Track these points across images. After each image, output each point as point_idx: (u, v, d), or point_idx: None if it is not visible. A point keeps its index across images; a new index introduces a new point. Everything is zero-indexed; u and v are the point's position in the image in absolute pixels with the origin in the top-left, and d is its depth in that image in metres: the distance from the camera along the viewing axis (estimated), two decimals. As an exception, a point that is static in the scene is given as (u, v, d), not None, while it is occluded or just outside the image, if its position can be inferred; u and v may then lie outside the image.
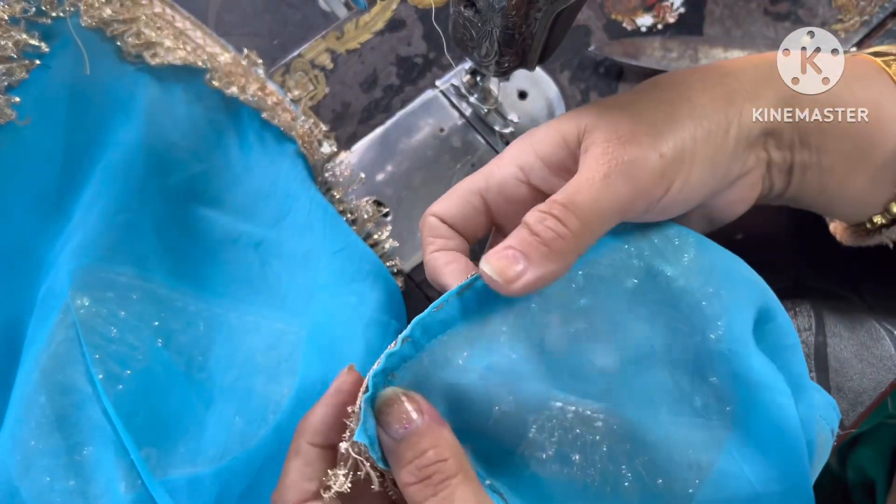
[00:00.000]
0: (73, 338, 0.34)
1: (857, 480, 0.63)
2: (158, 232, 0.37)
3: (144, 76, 0.37)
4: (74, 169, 0.37)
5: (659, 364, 0.32)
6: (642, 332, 0.32)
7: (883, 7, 0.46)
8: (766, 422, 0.31)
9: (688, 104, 0.31)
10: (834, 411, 0.35)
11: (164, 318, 0.36)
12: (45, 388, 0.33)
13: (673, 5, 0.48)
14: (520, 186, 0.33)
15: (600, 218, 0.29)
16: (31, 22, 0.35)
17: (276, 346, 0.35)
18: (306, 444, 0.28)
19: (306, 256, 0.38)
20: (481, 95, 0.46)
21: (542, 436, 0.31)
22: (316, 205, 0.38)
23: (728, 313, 0.31)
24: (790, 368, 0.32)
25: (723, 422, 0.31)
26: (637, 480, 0.31)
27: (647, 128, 0.30)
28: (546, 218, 0.29)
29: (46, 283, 0.35)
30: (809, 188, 0.35)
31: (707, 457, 0.31)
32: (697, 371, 0.32)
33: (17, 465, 0.32)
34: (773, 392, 0.31)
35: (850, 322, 0.41)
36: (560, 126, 0.32)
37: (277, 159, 0.40)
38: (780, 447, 0.31)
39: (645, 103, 0.31)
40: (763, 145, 0.33)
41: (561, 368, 0.31)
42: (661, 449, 0.31)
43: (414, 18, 0.49)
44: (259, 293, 0.38)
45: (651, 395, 0.32)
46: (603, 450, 0.31)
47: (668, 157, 0.30)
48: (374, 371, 0.28)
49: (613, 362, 0.32)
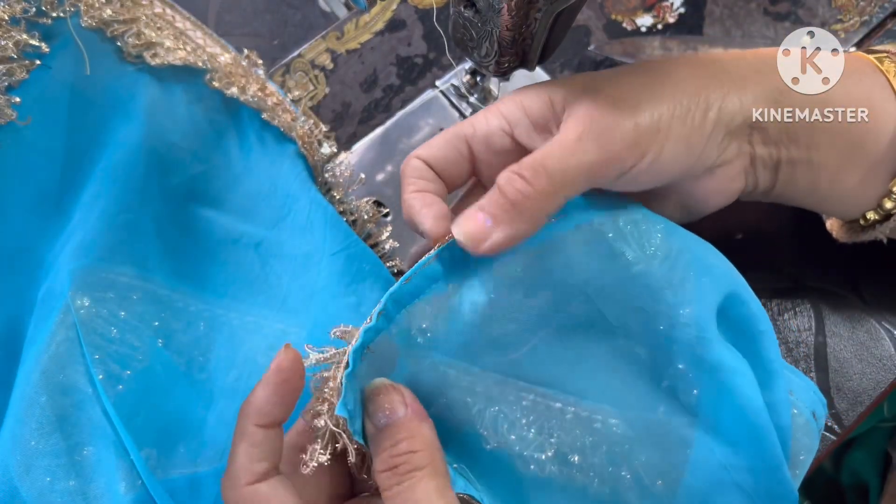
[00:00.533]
0: (73, 338, 0.34)
1: (852, 483, 0.63)
2: (159, 232, 0.37)
3: (145, 76, 0.38)
4: (75, 169, 0.37)
5: (623, 349, 0.32)
6: (606, 316, 0.32)
7: (883, 7, 0.46)
8: (731, 406, 0.31)
9: (670, 81, 0.32)
10: (815, 395, 0.35)
11: (164, 318, 0.36)
12: (46, 389, 0.33)
13: (673, 5, 0.48)
14: (504, 138, 0.34)
15: (569, 179, 0.30)
16: (31, 22, 0.35)
17: (277, 347, 0.35)
18: (252, 425, 0.28)
19: (306, 257, 0.38)
20: (481, 95, 0.46)
21: (493, 415, 0.32)
22: (316, 205, 0.38)
23: (694, 301, 0.31)
24: (763, 354, 0.32)
25: (690, 407, 0.32)
26: (609, 469, 0.32)
27: (626, 98, 0.31)
28: (514, 179, 0.29)
29: (46, 282, 0.35)
30: (799, 185, 0.35)
31: (681, 444, 0.32)
32: (662, 356, 0.32)
33: (18, 466, 0.32)
34: (735, 374, 0.31)
35: (849, 322, 0.41)
36: (550, 88, 0.33)
37: (277, 160, 0.40)
38: (747, 431, 0.31)
39: (630, 77, 0.32)
40: (748, 138, 0.33)
41: (518, 348, 0.32)
42: (631, 440, 0.32)
43: (414, 19, 0.49)
44: (259, 293, 0.38)
45: (615, 381, 0.32)
46: (574, 442, 0.32)
47: (642, 127, 0.30)
48: (352, 347, 0.29)
49: (575, 346, 0.32)
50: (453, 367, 0.32)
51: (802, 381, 0.35)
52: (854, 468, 0.62)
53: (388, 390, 0.29)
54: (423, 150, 0.35)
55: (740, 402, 0.31)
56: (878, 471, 0.60)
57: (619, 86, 0.31)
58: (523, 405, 0.32)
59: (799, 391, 0.34)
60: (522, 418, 0.33)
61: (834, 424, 0.39)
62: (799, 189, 0.35)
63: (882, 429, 0.60)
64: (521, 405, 0.33)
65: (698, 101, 0.31)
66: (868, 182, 0.34)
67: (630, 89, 0.31)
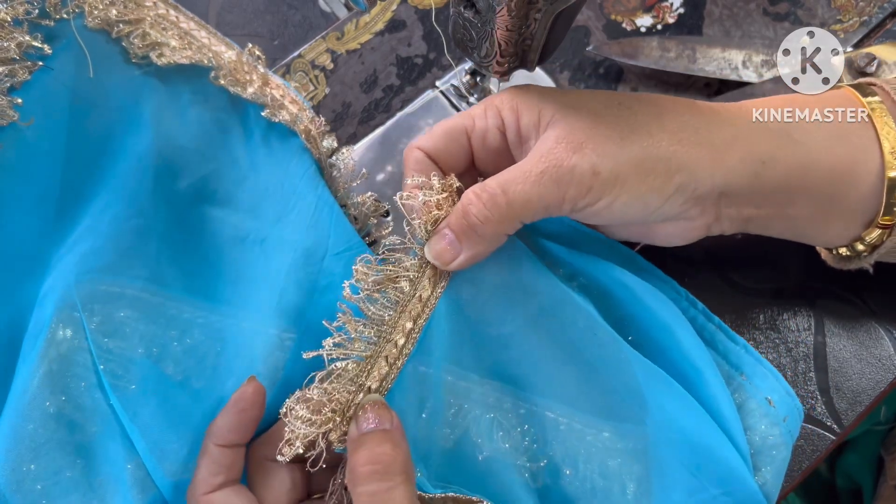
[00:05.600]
0: (77, 346, 0.34)
1: (846, 486, 0.63)
2: (168, 235, 0.37)
3: (151, 79, 0.37)
4: (78, 172, 0.37)
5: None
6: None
7: (882, 7, 0.46)
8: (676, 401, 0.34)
9: (646, 135, 0.32)
10: (778, 383, 0.36)
11: (164, 328, 0.36)
12: (49, 392, 0.33)
13: (672, 6, 0.48)
14: (498, 137, 0.35)
15: (526, 210, 0.32)
16: (34, 24, 0.35)
17: (274, 354, 0.35)
18: (213, 445, 0.32)
19: (310, 254, 0.38)
20: (481, 96, 0.46)
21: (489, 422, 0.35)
22: (323, 203, 0.38)
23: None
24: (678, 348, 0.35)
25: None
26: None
27: (597, 142, 0.32)
28: (475, 202, 0.32)
29: (48, 285, 0.35)
30: (772, 231, 0.36)
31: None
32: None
33: (18, 465, 0.32)
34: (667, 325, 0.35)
35: (849, 322, 0.41)
36: (543, 101, 0.34)
37: (283, 155, 0.39)
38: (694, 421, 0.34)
39: (611, 117, 0.33)
40: (715, 203, 0.33)
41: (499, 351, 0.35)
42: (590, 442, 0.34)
43: (414, 19, 0.49)
44: (263, 290, 0.38)
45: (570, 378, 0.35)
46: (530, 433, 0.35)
47: (601, 177, 0.31)
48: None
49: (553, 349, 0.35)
50: (448, 373, 0.34)
51: (765, 367, 0.36)
52: (848, 471, 0.62)
53: (382, 406, 0.31)
54: (426, 141, 0.36)
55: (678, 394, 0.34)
56: (872, 474, 0.60)
57: (595, 124, 0.32)
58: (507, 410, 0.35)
59: (755, 377, 0.36)
60: (518, 426, 0.34)
61: (833, 424, 0.39)
62: (772, 232, 0.36)
63: (875, 432, 0.60)
64: (508, 411, 0.34)
65: (667, 163, 0.32)
66: (849, 225, 0.35)
67: (604, 132, 0.32)
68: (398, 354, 0.33)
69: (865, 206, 0.34)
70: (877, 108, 0.33)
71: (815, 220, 0.35)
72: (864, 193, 0.33)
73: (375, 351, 0.32)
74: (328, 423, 0.31)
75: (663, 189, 0.32)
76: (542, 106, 0.33)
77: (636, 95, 0.34)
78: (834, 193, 0.33)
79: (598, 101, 0.33)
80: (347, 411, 0.32)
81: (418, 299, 0.33)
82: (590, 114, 0.32)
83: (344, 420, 0.31)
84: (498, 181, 0.32)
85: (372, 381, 0.32)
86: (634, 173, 0.32)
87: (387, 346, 0.32)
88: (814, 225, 0.35)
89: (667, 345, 0.35)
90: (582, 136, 0.32)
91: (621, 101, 0.33)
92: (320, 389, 0.31)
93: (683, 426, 0.33)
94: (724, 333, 0.37)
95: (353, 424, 0.31)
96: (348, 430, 0.31)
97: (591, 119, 0.32)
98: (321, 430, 0.31)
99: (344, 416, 0.31)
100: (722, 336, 0.37)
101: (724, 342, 0.37)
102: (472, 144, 0.36)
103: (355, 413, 0.31)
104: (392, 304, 0.33)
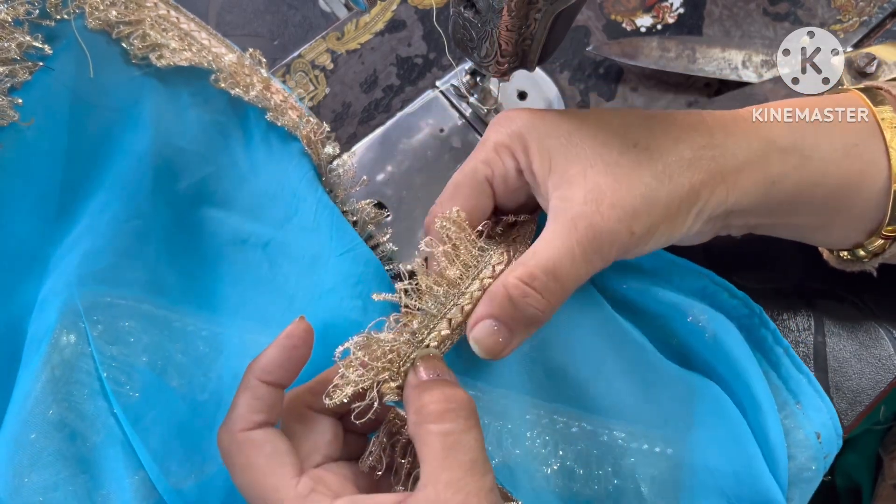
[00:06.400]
0: (80, 352, 0.34)
1: (845, 486, 0.63)
2: (168, 237, 0.37)
3: (151, 80, 0.37)
4: (78, 172, 0.37)
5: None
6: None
7: (882, 7, 0.46)
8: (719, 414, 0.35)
9: (667, 179, 0.32)
10: (830, 420, 0.37)
11: (167, 339, 0.36)
12: (52, 399, 0.33)
13: (672, 6, 0.48)
14: (519, 178, 0.35)
15: (577, 284, 0.32)
16: (34, 24, 0.35)
17: None
18: (255, 379, 0.30)
19: (314, 258, 0.38)
20: (481, 96, 0.46)
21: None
22: (323, 206, 0.38)
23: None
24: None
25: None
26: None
27: (626, 201, 0.31)
28: (529, 293, 0.31)
29: (49, 288, 0.35)
30: (777, 234, 0.37)
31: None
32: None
33: (19, 474, 0.32)
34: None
35: (849, 322, 0.41)
36: (552, 146, 0.33)
37: (283, 159, 0.40)
38: (733, 439, 0.35)
39: (630, 164, 0.32)
40: (723, 217, 0.34)
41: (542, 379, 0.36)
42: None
43: (414, 19, 0.49)
44: (266, 293, 0.38)
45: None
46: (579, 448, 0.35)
47: (636, 235, 0.32)
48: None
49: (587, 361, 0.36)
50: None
51: (822, 402, 0.37)
52: (847, 471, 0.63)
53: (443, 362, 0.31)
54: (457, 202, 0.35)
55: (727, 412, 0.34)
56: (871, 473, 0.60)
57: (617, 181, 0.32)
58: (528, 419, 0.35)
59: (810, 409, 0.36)
60: (527, 432, 0.34)
61: (833, 423, 0.39)
62: (775, 235, 0.37)
63: (875, 431, 0.60)
64: (526, 419, 0.34)
65: (689, 201, 0.32)
66: (854, 230, 0.35)
67: (629, 191, 0.32)
68: (461, 321, 0.32)
69: (870, 216, 0.34)
70: (887, 117, 0.33)
71: (818, 228, 0.35)
72: (869, 204, 0.34)
73: (441, 311, 0.32)
74: (384, 373, 0.30)
75: (686, 223, 0.33)
76: (552, 154, 0.33)
77: (647, 125, 0.34)
78: (839, 206, 0.34)
79: (612, 147, 0.33)
80: (403, 365, 0.31)
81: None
82: (607, 166, 0.32)
83: (399, 373, 0.31)
84: (542, 267, 0.31)
85: (432, 341, 0.32)
86: (663, 221, 0.32)
87: (453, 309, 0.32)
88: (817, 231, 0.36)
89: (729, 375, 0.36)
90: (610, 195, 0.31)
91: (637, 142, 0.33)
92: (378, 339, 0.31)
93: (729, 453, 0.34)
94: (790, 359, 0.38)
95: (413, 374, 0.30)
96: (406, 381, 0.30)
97: (612, 175, 0.32)
98: (378, 377, 0.30)
99: (399, 369, 0.31)
100: (787, 361, 0.38)
101: (789, 368, 0.38)
102: (495, 190, 0.35)
103: (414, 364, 0.31)
104: (466, 269, 0.33)
